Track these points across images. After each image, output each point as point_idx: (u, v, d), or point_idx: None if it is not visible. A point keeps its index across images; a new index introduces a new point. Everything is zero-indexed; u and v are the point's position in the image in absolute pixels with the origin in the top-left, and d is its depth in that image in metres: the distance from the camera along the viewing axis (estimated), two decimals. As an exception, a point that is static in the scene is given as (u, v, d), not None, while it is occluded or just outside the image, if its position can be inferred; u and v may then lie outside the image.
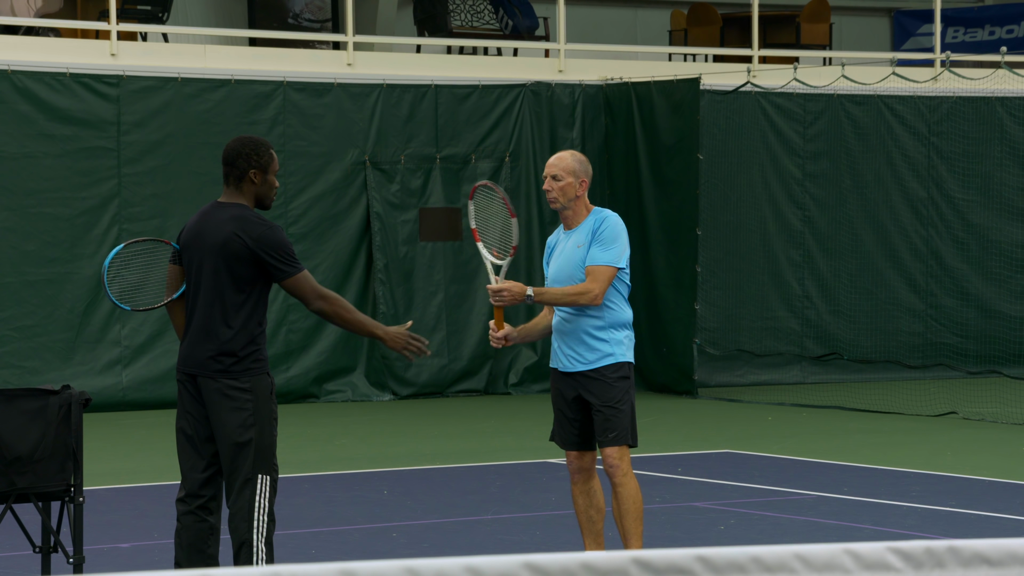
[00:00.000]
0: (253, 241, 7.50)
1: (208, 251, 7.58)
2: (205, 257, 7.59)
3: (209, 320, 7.57)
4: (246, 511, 7.57)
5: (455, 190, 18.94)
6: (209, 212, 7.72)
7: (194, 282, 7.65)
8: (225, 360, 7.57)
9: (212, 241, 7.58)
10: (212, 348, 7.56)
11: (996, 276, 20.28)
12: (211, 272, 7.58)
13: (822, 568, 3.53)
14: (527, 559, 3.43)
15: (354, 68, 18.73)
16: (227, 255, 7.52)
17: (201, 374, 7.63)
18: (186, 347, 7.68)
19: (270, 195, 7.75)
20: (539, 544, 9.93)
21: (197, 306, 7.63)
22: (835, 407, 17.31)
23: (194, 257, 7.64)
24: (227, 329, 7.55)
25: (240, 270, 7.53)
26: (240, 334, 7.56)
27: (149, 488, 12.53)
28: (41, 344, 17.16)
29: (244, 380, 7.56)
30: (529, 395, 18.66)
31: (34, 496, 7.82)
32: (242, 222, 7.55)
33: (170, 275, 7.75)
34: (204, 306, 7.59)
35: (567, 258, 8.53)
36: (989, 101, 20.08)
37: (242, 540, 7.59)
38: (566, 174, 8.52)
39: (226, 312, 7.56)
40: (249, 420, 7.57)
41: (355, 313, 7.70)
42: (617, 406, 8.48)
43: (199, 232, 7.65)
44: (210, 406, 7.66)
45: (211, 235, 7.60)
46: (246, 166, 7.70)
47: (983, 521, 10.68)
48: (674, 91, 18.92)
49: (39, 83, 17.22)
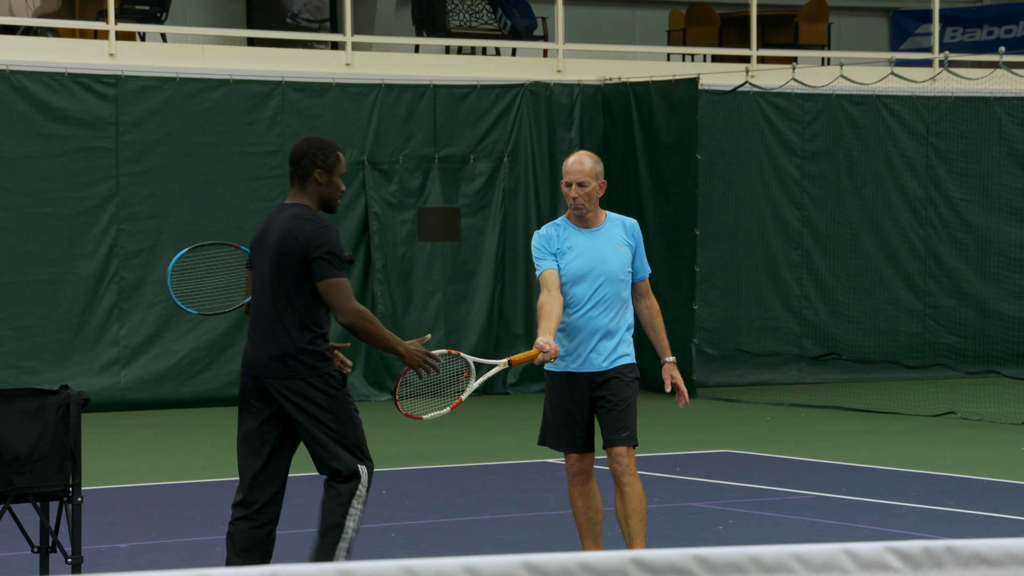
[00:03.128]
0: (305, 238, 7.53)
1: (268, 251, 7.62)
2: (265, 259, 7.64)
3: (270, 322, 7.59)
4: (347, 496, 7.60)
5: (454, 190, 18.94)
6: (273, 213, 7.77)
7: (258, 284, 7.68)
8: (288, 361, 7.57)
9: (272, 241, 7.62)
10: (274, 350, 7.56)
11: (994, 276, 20.28)
12: (270, 272, 7.60)
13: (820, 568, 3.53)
14: (526, 559, 3.43)
15: (352, 68, 18.74)
16: (282, 254, 7.56)
17: (265, 376, 7.60)
18: (249, 349, 7.68)
19: (335, 197, 7.75)
20: (538, 544, 9.93)
21: (259, 307, 7.65)
22: (833, 407, 17.31)
23: (258, 259, 7.69)
24: (287, 331, 7.56)
25: (295, 270, 7.54)
26: (300, 335, 7.56)
27: (147, 488, 12.53)
28: (39, 344, 17.16)
29: (313, 379, 7.57)
30: (527, 395, 18.66)
31: (32, 496, 7.82)
32: (297, 220, 7.58)
33: (246, 280, 7.82)
34: (265, 307, 7.61)
35: (605, 257, 8.49)
36: (987, 101, 20.08)
37: (334, 523, 7.57)
38: (590, 179, 8.53)
39: (286, 314, 7.57)
40: (327, 417, 7.58)
41: (381, 328, 7.70)
42: (631, 405, 8.50)
43: (263, 233, 7.70)
44: (284, 407, 7.64)
45: (271, 235, 7.64)
46: (311, 166, 7.66)
47: (981, 521, 10.68)
48: (672, 91, 18.93)
49: (37, 83, 17.22)
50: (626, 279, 8.57)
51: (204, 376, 17.79)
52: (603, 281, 8.49)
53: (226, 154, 17.97)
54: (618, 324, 8.52)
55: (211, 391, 17.81)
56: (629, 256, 8.56)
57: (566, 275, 8.49)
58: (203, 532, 10.47)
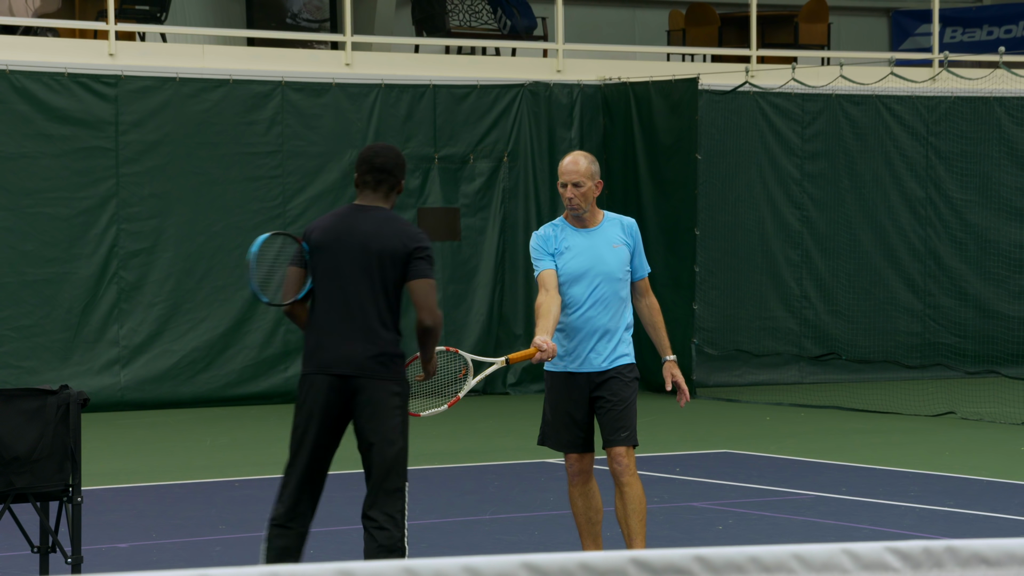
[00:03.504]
0: (410, 238, 7.58)
1: (359, 252, 7.58)
2: (355, 258, 7.58)
3: (367, 320, 7.55)
4: (400, 518, 7.55)
5: (453, 190, 18.94)
6: (352, 214, 7.70)
7: (335, 284, 7.60)
8: (385, 361, 7.56)
9: (363, 240, 7.59)
10: (374, 349, 7.54)
11: (994, 276, 20.28)
12: (365, 271, 7.58)
13: (820, 568, 3.53)
14: (525, 559, 3.43)
15: (352, 68, 18.74)
16: (383, 253, 7.56)
17: (361, 375, 7.54)
18: (338, 347, 7.56)
19: None
20: (537, 544, 9.93)
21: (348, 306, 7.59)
22: (833, 407, 17.31)
23: (334, 258, 7.60)
24: (385, 331, 7.56)
25: (396, 272, 7.57)
26: (395, 336, 7.60)
27: (147, 488, 12.53)
28: (39, 344, 17.16)
29: (399, 383, 7.59)
30: (527, 395, 18.66)
31: (32, 496, 7.82)
32: (398, 222, 7.67)
33: (291, 277, 7.69)
34: (360, 306, 7.56)
35: (603, 257, 8.49)
36: (987, 101, 20.08)
37: (394, 546, 7.51)
38: (586, 179, 8.53)
39: (383, 313, 7.57)
40: (401, 425, 7.59)
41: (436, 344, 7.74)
42: (631, 405, 8.50)
43: (344, 232, 7.63)
44: (365, 408, 7.57)
45: (360, 235, 7.60)
46: (400, 176, 7.77)
47: (981, 521, 10.68)
48: (672, 91, 18.93)
49: (37, 83, 17.22)
50: (624, 278, 8.56)
51: (204, 376, 17.79)
52: (601, 281, 8.49)
53: (226, 154, 17.97)
54: (617, 324, 8.52)
55: (211, 391, 17.80)
56: (627, 255, 8.56)
57: (564, 275, 8.49)
58: (203, 532, 10.47)
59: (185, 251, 17.76)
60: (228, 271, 17.93)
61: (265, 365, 18.07)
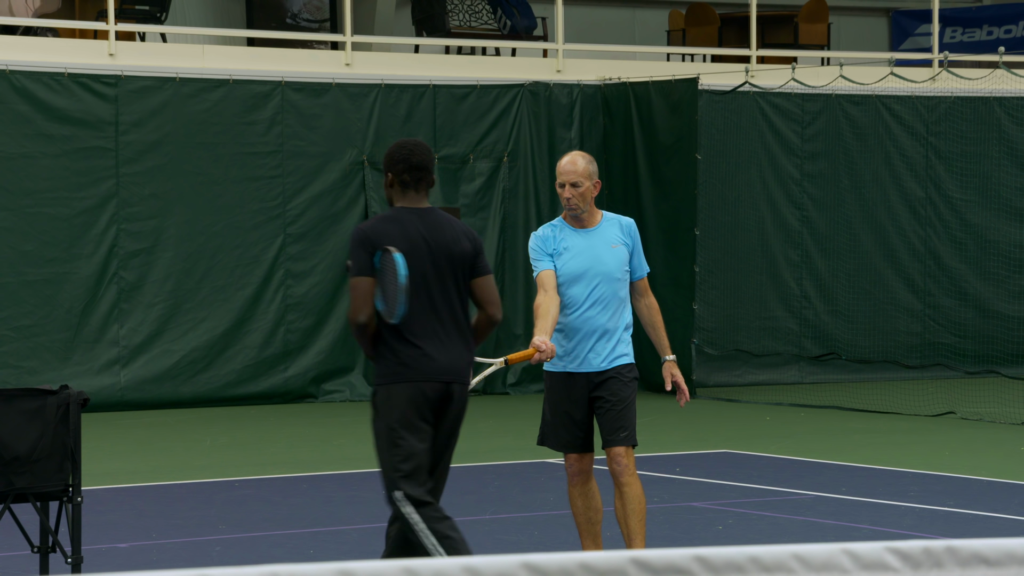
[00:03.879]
0: (475, 239, 7.54)
1: (439, 257, 7.41)
2: (436, 263, 7.41)
3: (459, 324, 7.44)
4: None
5: (453, 190, 18.94)
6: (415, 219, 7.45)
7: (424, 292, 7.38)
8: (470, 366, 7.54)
9: (444, 243, 7.44)
10: (469, 356, 7.48)
11: (994, 276, 20.28)
12: (447, 278, 7.44)
13: (820, 568, 3.53)
14: (525, 559, 3.43)
15: (352, 68, 18.74)
16: (458, 259, 7.43)
17: (459, 381, 7.44)
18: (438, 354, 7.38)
19: None
20: (537, 544, 9.93)
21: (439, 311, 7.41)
22: (833, 407, 17.31)
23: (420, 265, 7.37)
24: (471, 333, 7.51)
25: (467, 273, 7.47)
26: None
27: (147, 488, 12.53)
28: (39, 344, 17.16)
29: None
30: (527, 395, 18.65)
31: (32, 496, 7.82)
32: (459, 223, 7.59)
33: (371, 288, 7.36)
34: (450, 311, 7.42)
35: (601, 257, 8.49)
36: (987, 101, 20.08)
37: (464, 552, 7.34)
38: (584, 179, 8.54)
39: (467, 316, 7.50)
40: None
41: None
42: (630, 405, 8.51)
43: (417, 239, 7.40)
44: (457, 416, 7.51)
45: (440, 238, 7.43)
46: (433, 171, 7.62)
47: (981, 521, 10.68)
48: (672, 91, 18.93)
49: (37, 83, 17.22)
50: (623, 278, 8.56)
51: (204, 376, 17.79)
52: (600, 281, 8.49)
53: (226, 154, 17.97)
54: (616, 324, 8.52)
55: (211, 391, 17.80)
56: (626, 255, 8.56)
57: (563, 275, 8.49)
58: (203, 532, 10.47)
59: (185, 251, 17.76)
60: (228, 271, 17.94)
61: (265, 365, 18.07)
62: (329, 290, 18.38)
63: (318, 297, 18.32)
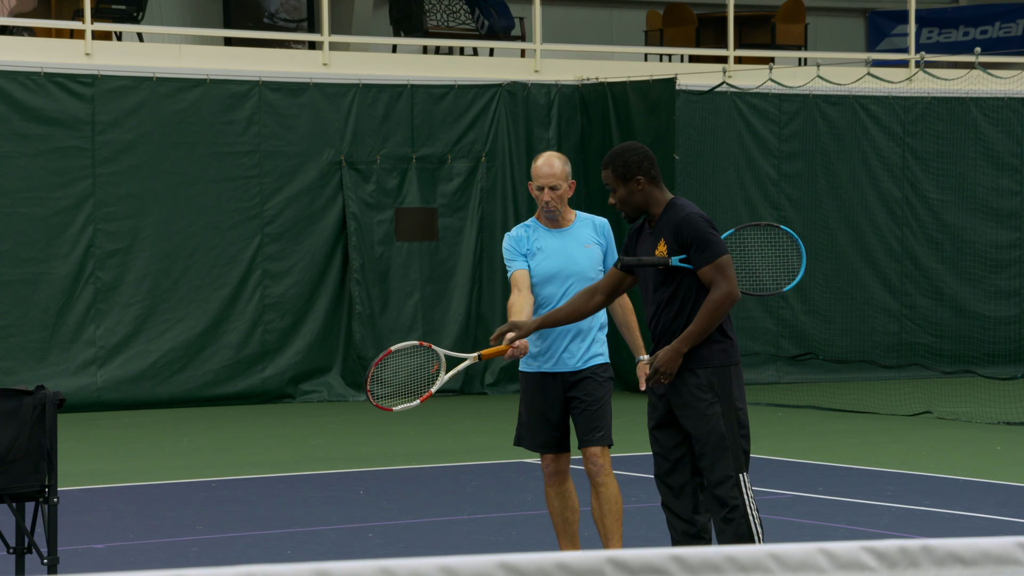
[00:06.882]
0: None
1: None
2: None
3: None
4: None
5: (431, 190, 18.93)
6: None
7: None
8: None
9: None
10: None
11: (970, 276, 20.33)
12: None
13: (797, 568, 3.54)
14: (502, 559, 3.43)
15: (330, 68, 18.72)
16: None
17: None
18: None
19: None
20: (515, 544, 9.93)
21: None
22: (810, 407, 17.34)
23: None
24: None
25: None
26: None
27: (124, 489, 12.50)
28: (15, 344, 17.11)
29: None
30: (505, 395, 18.66)
31: (8, 497, 7.80)
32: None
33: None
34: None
35: (574, 257, 8.50)
36: (963, 102, 20.13)
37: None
38: (561, 181, 8.59)
39: None
40: None
41: None
42: (605, 405, 8.51)
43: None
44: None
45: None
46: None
47: (957, 520, 10.71)
48: (650, 91, 18.95)
49: (13, 83, 17.18)
50: (596, 278, 8.57)
51: (180, 376, 17.76)
52: (573, 281, 8.50)
53: (203, 154, 17.94)
54: (590, 324, 8.53)
55: (188, 391, 17.77)
56: (599, 255, 8.57)
57: (536, 276, 8.51)
58: (180, 533, 10.44)
59: (162, 251, 17.72)
60: (205, 271, 17.91)
61: (242, 365, 18.04)
62: (307, 290, 18.36)
63: (296, 297, 18.30)
